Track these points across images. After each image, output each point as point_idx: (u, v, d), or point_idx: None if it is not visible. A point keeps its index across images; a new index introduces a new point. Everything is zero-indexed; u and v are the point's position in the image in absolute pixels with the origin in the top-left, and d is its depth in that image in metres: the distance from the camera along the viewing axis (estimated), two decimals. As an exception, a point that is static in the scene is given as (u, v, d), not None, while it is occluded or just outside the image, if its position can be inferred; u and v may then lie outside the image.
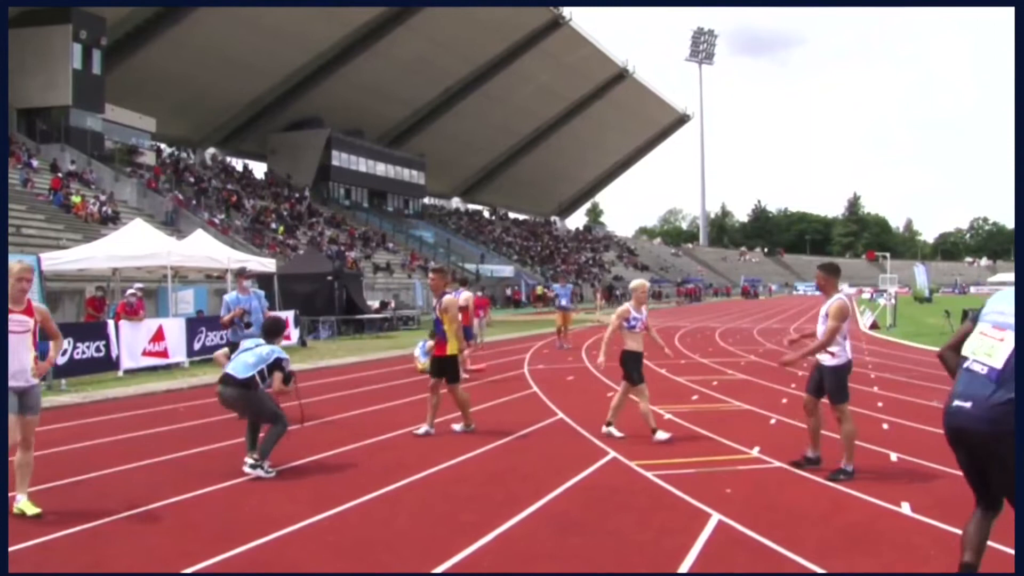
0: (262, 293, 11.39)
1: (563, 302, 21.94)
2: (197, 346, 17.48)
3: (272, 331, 8.17)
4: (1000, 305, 4.12)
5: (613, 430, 8.96)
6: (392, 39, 59.99)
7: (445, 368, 9.36)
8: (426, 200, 78.81)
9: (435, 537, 5.55)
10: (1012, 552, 4.08)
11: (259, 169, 63.96)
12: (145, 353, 16.10)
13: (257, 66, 54.49)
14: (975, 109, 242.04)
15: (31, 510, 6.01)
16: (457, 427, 9.49)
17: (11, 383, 5.97)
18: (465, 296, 16.62)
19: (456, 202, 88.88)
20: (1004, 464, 3.87)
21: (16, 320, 6.08)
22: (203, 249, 20.04)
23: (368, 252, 51.69)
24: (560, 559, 5.13)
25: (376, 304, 32.77)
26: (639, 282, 9.47)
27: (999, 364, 3.98)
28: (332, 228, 54.05)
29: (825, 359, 7.41)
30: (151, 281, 19.98)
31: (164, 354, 16.57)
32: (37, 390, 6.27)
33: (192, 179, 47.90)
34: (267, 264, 23.13)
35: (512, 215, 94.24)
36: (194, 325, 17.83)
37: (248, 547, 5.32)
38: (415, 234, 64.27)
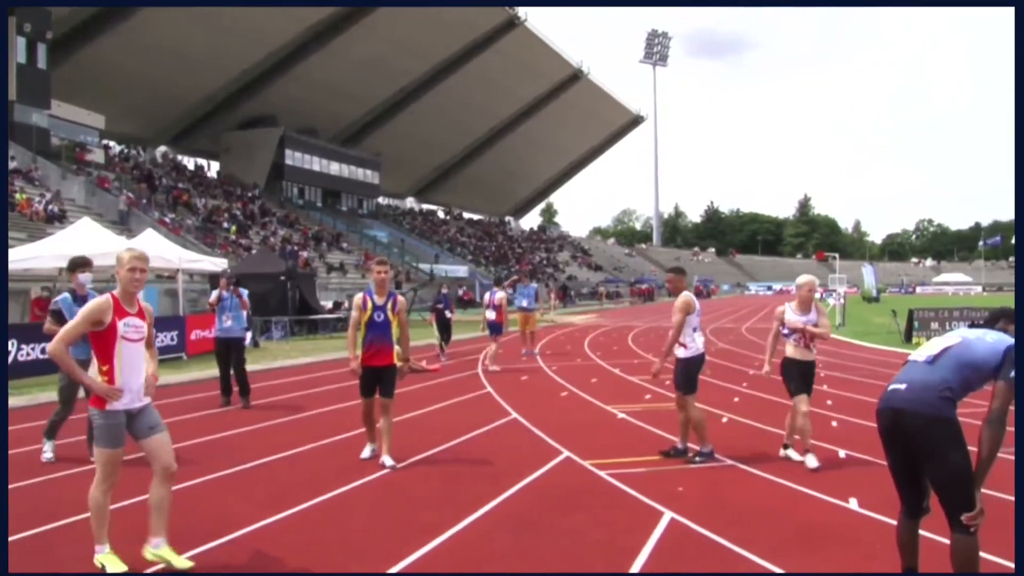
0: (245, 292, 12.19)
1: (524, 303, 20.33)
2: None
3: (70, 264, 7.95)
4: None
5: (791, 453, 7.83)
6: (347, 38, 59.62)
7: (385, 380, 7.83)
8: (380, 200, 78.37)
9: (391, 537, 5.56)
10: (1000, 560, 4.21)
11: (212, 168, 63.21)
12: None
13: (210, 63, 53.74)
14: (923, 114, 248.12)
15: (181, 563, 4.87)
16: (388, 461, 7.67)
17: (125, 405, 4.92)
18: (500, 296, 16.77)
19: (410, 202, 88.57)
20: (937, 452, 3.98)
21: (132, 326, 4.92)
22: (154, 249, 19.70)
23: (321, 252, 51.26)
24: (515, 558, 5.17)
25: (329, 304, 32.57)
26: (808, 278, 7.90)
27: (936, 351, 4.23)
28: (285, 228, 53.49)
29: (679, 351, 7.85)
30: (100, 281, 19.55)
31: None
32: (152, 406, 5.13)
33: (143, 176, 47.04)
34: (219, 264, 22.90)
35: (466, 215, 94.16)
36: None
37: (205, 548, 5.29)
38: (369, 234, 63.86)
